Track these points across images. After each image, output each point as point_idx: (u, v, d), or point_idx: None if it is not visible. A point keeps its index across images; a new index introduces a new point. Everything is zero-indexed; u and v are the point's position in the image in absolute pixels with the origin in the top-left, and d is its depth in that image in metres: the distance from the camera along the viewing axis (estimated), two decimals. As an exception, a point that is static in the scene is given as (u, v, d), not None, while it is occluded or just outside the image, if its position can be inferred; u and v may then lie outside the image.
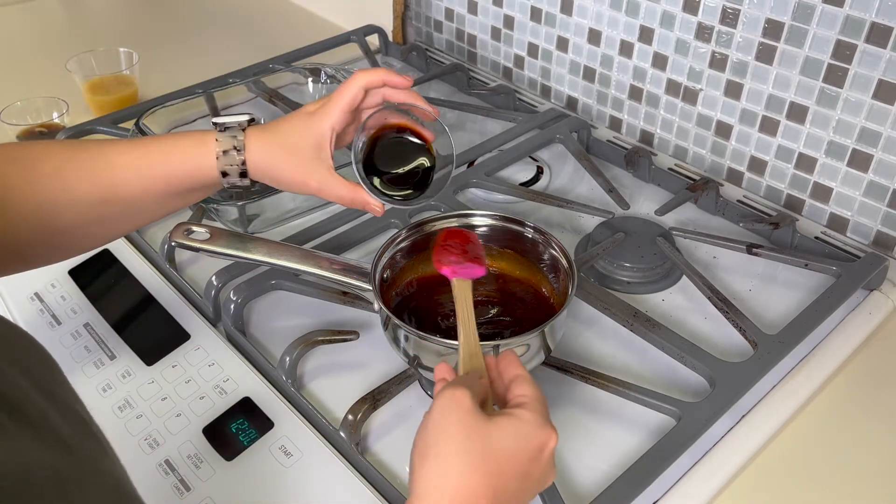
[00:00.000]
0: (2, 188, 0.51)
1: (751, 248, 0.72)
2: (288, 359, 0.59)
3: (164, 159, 0.55)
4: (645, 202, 0.82)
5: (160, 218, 0.60)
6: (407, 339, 0.55)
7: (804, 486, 0.56)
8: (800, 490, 0.55)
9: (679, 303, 0.69)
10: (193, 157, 0.56)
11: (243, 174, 0.56)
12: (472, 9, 1.05)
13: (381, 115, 0.59)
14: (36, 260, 0.57)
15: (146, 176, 0.55)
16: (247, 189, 0.58)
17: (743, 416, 0.58)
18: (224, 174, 0.56)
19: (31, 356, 0.35)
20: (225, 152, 0.55)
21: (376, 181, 0.59)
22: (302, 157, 0.56)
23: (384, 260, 0.60)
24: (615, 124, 0.95)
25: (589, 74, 0.94)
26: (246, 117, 0.57)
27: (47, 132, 0.90)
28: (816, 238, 0.75)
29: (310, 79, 0.93)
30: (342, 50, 1.08)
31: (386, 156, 0.60)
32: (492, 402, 0.45)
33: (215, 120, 0.57)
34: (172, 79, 0.96)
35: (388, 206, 0.58)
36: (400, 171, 0.60)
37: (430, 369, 0.55)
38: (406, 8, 1.16)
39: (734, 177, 0.85)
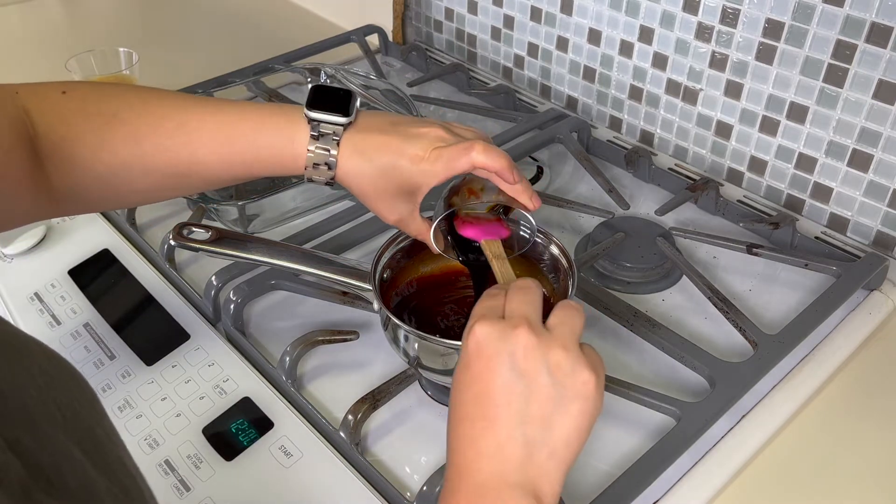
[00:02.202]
0: (75, 144, 0.50)
1: (751, 248, 0.72)
2: (288, 359, 0.59)
3: (250, 149, 0.53)
4: (645, 202, 0.82)
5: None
6: (407, 339, 0.55)
7: (804, 486, 0.56)
8: (800, 490, 0.55)
9: (679, 303, 0.69)
10: (282, 159, 0.53)
11: (329, 183, 0.55)
12: (472, 9, 1.05)
13: (478, 188, 0.57)
14: (100, 208, 0.57)
15: (228, 161, 0.53)
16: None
17: (743, 416, 0.58)
18: (310, 179, 0.54)
19: (72, 392, 0.33)
20: (316, 165, 0.53)
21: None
22: (392, 195, 0.54)
23: (384, 260, 0.60)
24: (615, 124, 0.95)
25: (589, 74, 0.94)
26: (343, 119, 0.53)
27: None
28: (816, 238, 0.75)
29: (309, 79, 0.93)
30: (342, 50, 1.08)
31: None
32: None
33: (310, 114, 0.52)
34: (172, 79, 0.96)
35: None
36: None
37: (430, 369, 0.55)
38: (406, 8, 1.16)
39: (734, 177, 0.85)
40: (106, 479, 0.29)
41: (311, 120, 0.53)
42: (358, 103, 0.55)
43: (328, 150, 0.53)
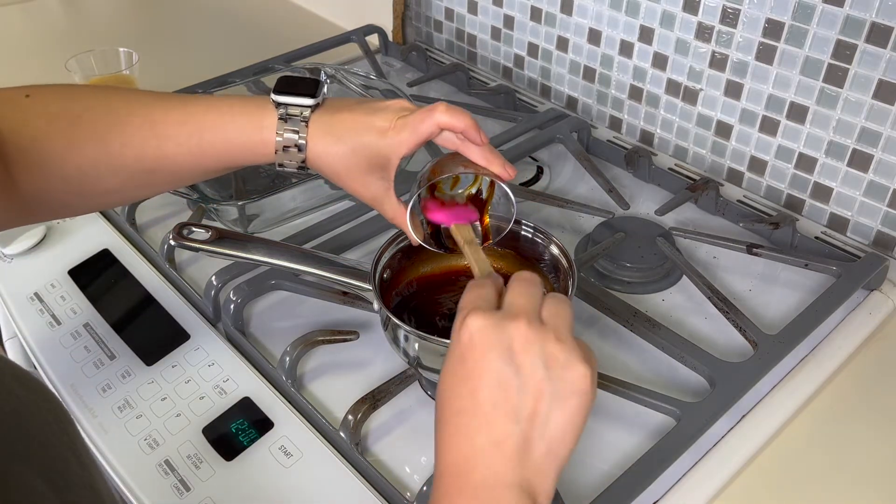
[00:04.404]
0: (42, 147, 0.49)
1: (751, 248, 0.72)
2: (288, 359, 0.59)
3: (218, 139, 0.53)
4: (645, 202, 0.82)
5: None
6: (407, 339, 0.55)
7: (804, 486, 0.56)
8: (800, 490, 0.55)
9: (679, 303, 0.69)
10: (251, 145, 0.53)
11: (301, 168, 0.54)
12: (472, 9, 1.05)
13: (449, 164, 0.56)
14: (71, 212, 0.56)
15: (197, 153, 0.53)
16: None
17: (743, 416, 0.58)
18: (281, 165, 0.54)
19: (43, 417, 0.33)
20: (286, 148, 0.53)
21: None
22: (364, 172, 0.54)
23: (384, 260, 0.60)
24: (615, 124, 0.95)
25: (589, 74, 0.94)
26: (310, 101, 0.53)
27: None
28: (816, 238, 0.75)
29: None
30: (342, 50, 1.08)
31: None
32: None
33: (277, 98, 0.53)
34: (172, 79, 0.96)
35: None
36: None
37: (430, 369, 0.55)
38: (406, 8, 1.16)
39: (734, 177, 0.85)
40: None
41: (278, 104, 0.53)
42: (325, 89, 0.54)
43: (297, 133, 0.53)
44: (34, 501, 0.29)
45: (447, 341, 0.51)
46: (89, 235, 0.75)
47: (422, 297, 0.62)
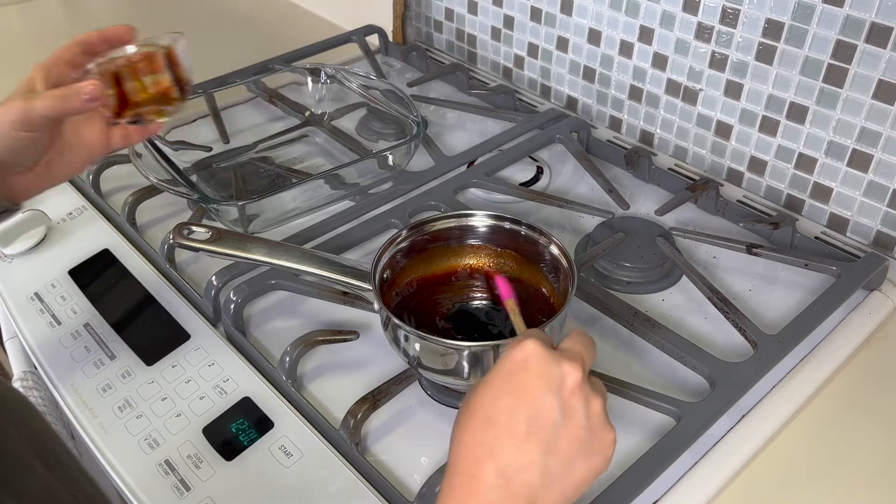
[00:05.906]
0: None
1: (751, 248, 0.72)
2: (288, 359, 0.59)
3: None
4: (645, 202, 0.82)
5: None
6: (407, 339, 0.55)
7: (804, 486, 0.56)
8: (799, 490, 0.55)
9: (679, 303, 0.69)
10: None
11: None
12: (472, 9, 1.05)
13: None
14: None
15: None
16: None
17: (743, 416, 0.58)
18: None
19: (26, 418, 0.33)
20: None
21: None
22: None
23: (384, 260, 0.60)
24: (615, 124, 0.95)
25: (589, 74, 0.94)
26: None
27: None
28: (816, 238, 0.75)
29: (310, 79, 0.93)
30: (342, 50, 1.08)
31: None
32: None
33: None
34: (172, 79, 0.96)
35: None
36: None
37: (430, 369, 0.55)
38: (406, 8, 1.16)
39: (734, 177, 0.85)
40: (69, 489, 0.30)
41: None
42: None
43: None
44: (34, 476, 0.29)
45: (447, 341, 0.52)
46: (89, 235, 0.75)
47: (422, 297, 0.62)
